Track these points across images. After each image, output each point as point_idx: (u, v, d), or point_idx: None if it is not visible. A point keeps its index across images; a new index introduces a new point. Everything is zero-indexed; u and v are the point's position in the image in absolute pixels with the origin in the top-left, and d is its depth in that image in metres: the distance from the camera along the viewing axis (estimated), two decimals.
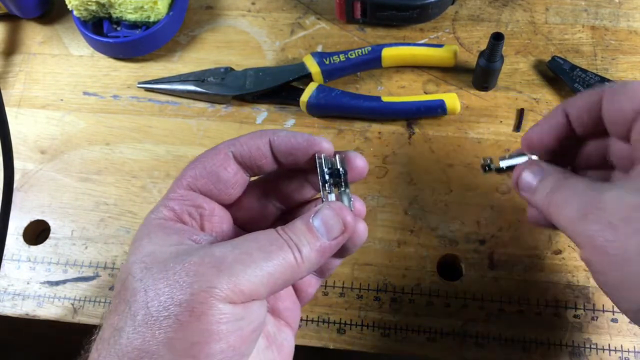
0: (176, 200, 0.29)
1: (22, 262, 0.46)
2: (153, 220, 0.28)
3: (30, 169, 0.50)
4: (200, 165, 0.29)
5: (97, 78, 0.54)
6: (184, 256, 0.25)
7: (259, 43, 0.54)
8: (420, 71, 0.51)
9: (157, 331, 0.23)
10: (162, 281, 0.24)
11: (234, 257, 0.25)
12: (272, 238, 0.26)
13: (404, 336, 0.41)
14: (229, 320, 0.24)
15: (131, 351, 0.23)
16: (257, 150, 0.29)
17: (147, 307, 0.24)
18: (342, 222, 0.28)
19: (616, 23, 0.52)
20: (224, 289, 0.24)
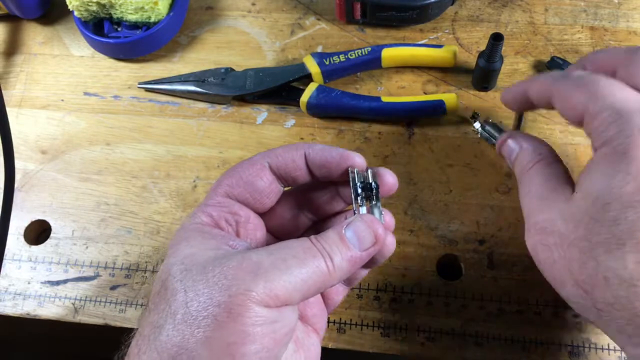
0: (214, 206, 0.30)
1: (22, 262, 0.46)
2: (191, 225, 0.30)
3: (31, 169, 0.50)
4: (237, 174, 0.31)
5: (98, 78, 0.54)
6: (222, 260, 0.26)
7: (259, 43, 0.54)
8: (420, 71, 0.51)
9: (196, 330, 0.24)
10: (202, 282, 0.25)
11: (270, 263, 0.26)
12: (306, 246, 0.27)
13: (403, 336, 0.41)
14: (264, 323, 0.25)
15: (170, 348, 0.24)
16: (292, 162, 0.31)
17: (186, 306, 0.25)
18: (374, 234, 0.29)
19: (615, 23, 0.52)
20: (260, 292, 0.25)
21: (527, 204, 0.31)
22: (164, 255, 0.45)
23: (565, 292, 0.28)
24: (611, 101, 0.28)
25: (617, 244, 0.25)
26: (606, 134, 0.27)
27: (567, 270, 0.27)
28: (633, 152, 0.26)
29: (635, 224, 0.25)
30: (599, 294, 0.26)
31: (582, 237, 0.27)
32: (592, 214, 0.26)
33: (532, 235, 0.30)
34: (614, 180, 0.26)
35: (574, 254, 0.27)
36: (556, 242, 0.28)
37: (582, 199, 0.27)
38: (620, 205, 0.26)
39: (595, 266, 0.26)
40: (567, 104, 0.30)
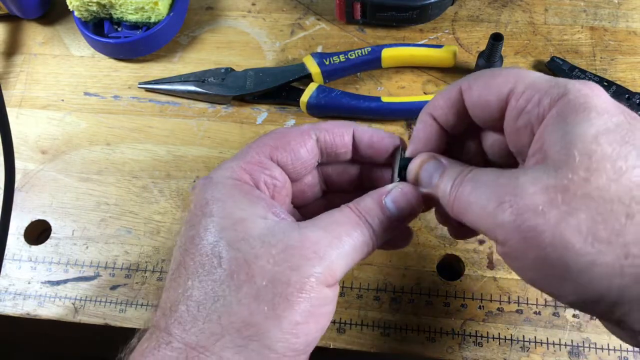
0: (255, 165, 0.29)
1: (23, 261, 0.46)
2: (229, 180, 0.28)
3: (31, 169, 0.50)
4: (285, 138, 0.30)
5: (98, 78, 0.54)
6: (281, 236, 0.26)
7: (259, 44, 0.54)
8: (419, 72, 0.51)
9: (265, 306, 0.24)
10: (266, 257, 0.25)
11: (327, 242, 0.26)
12: (352, 220, 0.27)
13: (403, 336, 0.41)
14: (327, 303, 0.26)
15: (235, 321, 0.24)
16: (341, 139, 0.31)
17: (253, 280, 0.24)
18: (411, 204, 0.29)
19: (615, 24, 0.52)
20: (325, 273, 0.25)
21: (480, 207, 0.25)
22: (164, 255, 0.45)
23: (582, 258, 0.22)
24: (538, 75, 0.26)
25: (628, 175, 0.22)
26: (549, 98, 0.25)
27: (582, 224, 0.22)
28: (593, 100, 0.24)
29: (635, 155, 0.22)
30: (632, 236, 0.21)
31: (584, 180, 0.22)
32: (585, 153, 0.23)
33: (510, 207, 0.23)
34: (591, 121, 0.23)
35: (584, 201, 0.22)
36: (552, 198, 0.22)
37: (563, 152, 0.23)
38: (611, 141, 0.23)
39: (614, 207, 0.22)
40: (486, 90, 0.27)
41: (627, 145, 0.23)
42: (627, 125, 0.23)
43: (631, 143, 0.23)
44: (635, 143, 0.23)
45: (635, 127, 0.23)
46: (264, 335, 0.24)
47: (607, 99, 0.25)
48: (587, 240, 0.22)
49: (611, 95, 0.46)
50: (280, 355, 0.24)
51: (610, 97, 0.25)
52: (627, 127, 0.23)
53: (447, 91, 0.29)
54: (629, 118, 0.24)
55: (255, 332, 0.24)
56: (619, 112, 0.24)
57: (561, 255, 0.22)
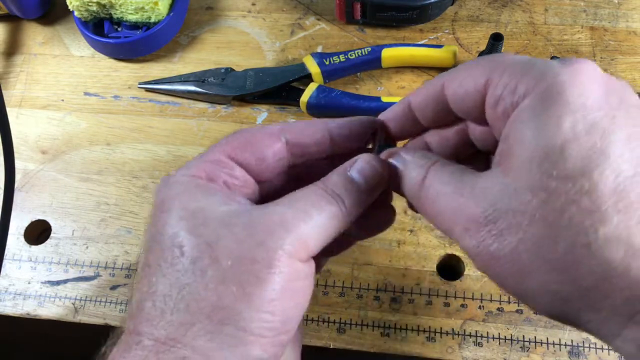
0: (212, 163, 0.28)
1: (23, 261, 0.46)
2: (184, 178, 0.27)
3: (31, 169, 0.50)
4: (247, 139, 0.29)
5: (98, 78, 0.54)
6: (243, 214, 0.25)
7: (259, 44, 0.54)
8: (419, 72, 0.51)
9: (235, 287, 0.23)
10: (228, 238, 0.24)
11: (293, 215, 0.25)
12: (319, 194, 0.26)
13: (403, 336, 0.41)
14: (300, 278, 0.24)
15: (203, 307, 0.23)
16: (313, 138, 0.29)
17: (217, 263, 0.23)
18: (376, 170, 0.28)
19: (615, 24, 0.52)
20: (295, 246, 0.24)
21: (446, 205, 0.25)
22: None
23: (534, 285, 0.22)
24: (517, 59, 0.24)
25: (590, 197, 0.20)
26: (525, 84, 0.23)
27: (535, 253, 0.21)
28: (569, 90, 0.21)
29: (603, 168, 0.20)
30: (582, 269, 0.20)
31: (542, 204, 0.21)
32: (546, 170, 0.21)
33: (473, 232, 0.23)
34: (560, 124, 0.21)
35: (539, 229, 0.21)
36: (510, 224, 0.22)
37: (524, 162, 0.22)
38: (579, 150, 0.20)
39: (571, 235, 0.20)
40: (465, 81, 0.26)
41: (595, 156, 0.20)
42: (603, 124, 0.21)
43: (601, 152, 0.20)
44: (606, 151, 0.20)
45: (614, 123, 0.21)
46: (236, 317, 0.23)
47: (588, 84, 0.22)
48: (540, 268, 0.21)
49: None
50: (257, 337, 0.23)
51: (596, 76, 0.22)
52: (603, 126, 0.21)
53: (431, 85, 0.28)
54: (611, 108, 0.21)
55: (227, 315, 0.23)
56: (597, 104, 0.21)
57: (516, 279, 0.22)
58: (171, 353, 0.23)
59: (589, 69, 0.22)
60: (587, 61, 0.23)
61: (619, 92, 0.22)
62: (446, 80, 0.27)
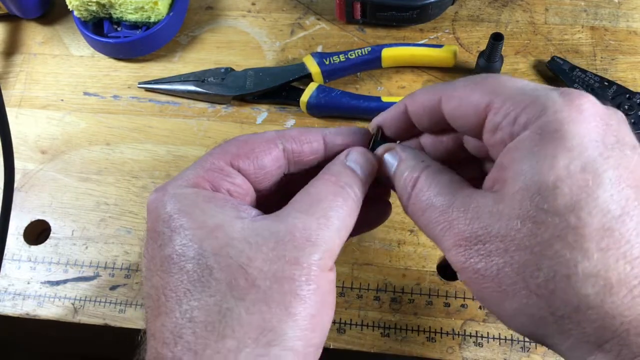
0: (214, 172, 0.27)
1: (22, 262, 0.46)
2: (188, 189, 0.26)
3: (31, 169, 0.50)
4: (249, 145, 0.29)
5: (98, 78, 0.54)
6: (265, 232, 0.24)
7: (259, 43, 0.54)
8: (420, 71, 0.51)
9: (276, 308, 0.23)
10: (260, 258, 0.24)
11: (316, 225, 0.25)
12: (334, 191, 0.27)
13: (403, 336, 0.41)
14: (332, 289, 0.25)
15: (249, 331, 0.23)
16: (310, 146, 0.30)
17: (255, 285, 0.23)
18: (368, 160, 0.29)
19: (615, 23, 0.52)
20: (325, 257, 0.24)
21: (435, 218, 0.25)
22: None
23: (513, 306, 0.23)
24: (519, 87, 0.25)
25: (576, 233, 0.21)
26: (526, 116, 0.23)
27: (518, 277, 0.23)
28: (568, 127, 0.22)
29: (592, 207, 0.21)
30: (559, 298, 0.22)
31: (530, 234, 0.22)
32: (537, 204, 0.22)
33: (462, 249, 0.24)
34: (556, 161, 0.22)
35: (524, 256, 0.22)
36: (498, 247, 0.23)
37: (517, 192, 0.23)
38: (571, 188, 0.22)
39: (554, 265, 0.22)
40: (464, 101, 0.26)
41: (585, 196, 0.21)
42: (596, 164, 0.22)
43: (590, 192, 0.22)
44: (595, 192, 0.21)
45: (607, 164, 0.22)
46: (282, 337, 0.23)
47: (587, 120, 0.23)
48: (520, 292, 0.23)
49: (611, 96, 0.47)
50: (302, 354, 0.23)
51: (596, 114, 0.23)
52: (596, 167, 0.22)
53: (425, 97, 0.28)
54: (606, 148, 0.22)
55: (273, 336, 0.23)
56: (593, 143, 0.22)
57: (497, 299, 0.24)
58: None
59: (589, 106, 0.23)
60: (588, 96, 0.23)
61: (615, 131, 0.23)
62: (444, 96, 0.27)
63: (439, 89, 0.28)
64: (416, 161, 0.28)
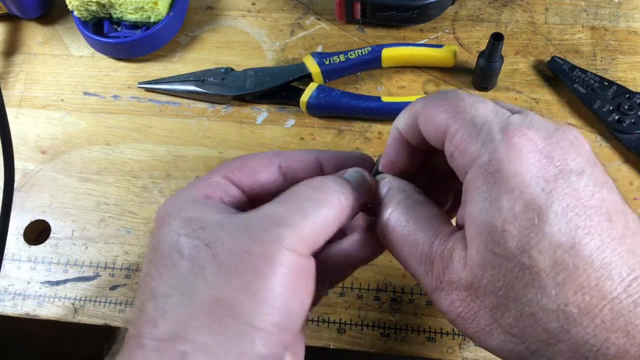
0: (210, 185, 0.29)
1: (22, 262, 0.46)
2: (185, 195, 0.28)
3: (31, 169, 0.50)
4: (244, 162, 0.30)
5: (98, 78, 0.54)
6: (238, 218, 0.25)
7: (259, 43, 0.54)
8: (420, 71, 0.51)
9: (234, 280, 0.23)
10: (225, 238, 0.24)
11: (287, 211, 0.25)
12: (313, 186, 0.27)
13: (403, 336, 0.41)
14: (302, 273, 0.25)
15: (204, 299, 0.23)
16: (304, 165, 0.31)
17: (215, 259, 0.24)
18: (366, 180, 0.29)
19: (616, 23, 0.52)
20: (292, 239, 0.24)
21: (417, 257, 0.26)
22: None
23: (494, 344, 0.24)
24: (472, 115, 0.25)
25: (531, 273, 0.22)
26: (470, 154, 0.24)
27: (492, 319, 0.24)
28: (506, 167, 0.23)
29: (541, 245, 0.22)
30: (530, 335, 0.23)
31: (492, 279, 0.23)
32: (491, 249, 0.23)
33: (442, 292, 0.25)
34: (500, 203, 0.23)
35: (493, 300, 0.23)
36: (470, 294, 0.24)
37: (474, 237, 0.24)
38: (518, 230, 0.22)
39: (518, 306, 0.23)
40: (429, 121, 0.26)
41: (533, 235, 0.22)
42: (540, 201, 0.22)
43: (538, 230, 0.22)
44: (543, 229, 0.22)
45: (551, 198, 0.22)
46: (238, 309, 0.23)
47: (526, 157, 0.23)
48: (497, 331, 0.24)
49: (611, 96, 0.47)
50: (260, 330, 0.23)
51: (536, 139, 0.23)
52: (540, 203, 0.22)
53: (410, 110, 0.29)
54: (548, 181, 0.22)
55: (229, 308, 0.23)
56: (534, 181, 0.22)
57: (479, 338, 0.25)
58: (172, 350, 0.23)
59: (527, 143, 0.23)
60: (528, 130, 0.24)
61: (559, 161, 0.23)
62: (418, 114, 0.27)
63: (418, 104, 0.28)
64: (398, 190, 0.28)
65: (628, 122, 0.46)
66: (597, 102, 0.47)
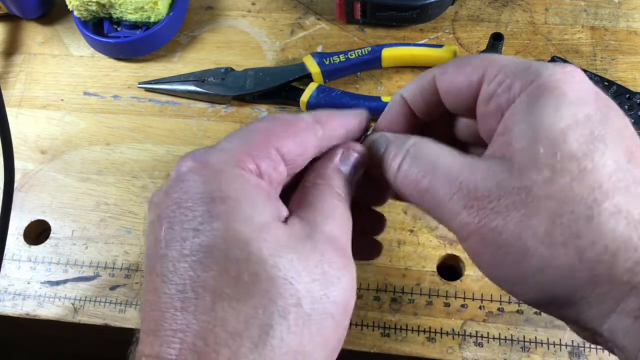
0: (263, 153, 0.24)
1: (22, 262, 0.46)
2: (237, 170, 0.23)
3: (31, 169, 0.50)
4: (293, 129, 0.26)
5: (98, 78, 0.54)
6: (309, 242, 0.23)
7: (259, 43, 0.54)
8: (420, 71, 0.51)
9: (314, 329, 0.22)
10: (305, 273, 0.22)
11: (347, 238, 0.25)
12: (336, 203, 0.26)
13: (403, 336, 0.41)
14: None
15: (285, 353, 0.21)
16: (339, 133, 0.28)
17: (299, 304, 0.22)
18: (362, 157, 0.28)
19: (616, 23, 0.52)
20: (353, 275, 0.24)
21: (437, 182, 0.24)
22: None
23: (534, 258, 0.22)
24: (511, 58, 0.25)
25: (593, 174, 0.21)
26: (520, 82, 0.23)
27: (540, 228, 0.22)
28: (565, 86, 0.23)
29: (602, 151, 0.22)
30: (586, 239, 0.21)
31: (548, 181, 0.22)
32: (551, 151, 0.22)
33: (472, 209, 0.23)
34: (561, 111, 0.22)
35: (544, 204, 0.22)
36: (515, 201, 0.22)
37: (527, 145, 0.22)
38: (581, 134, 0.22)
39: (574, 208, 0.21)
40: (458, 75, 0.26)
41: (595, 142, 0.22)
42: (598, 117, 0.23)
43: (599, 139, 0.22)
44: (604, 138, 0.22)
45: (607, 117, 0.23)
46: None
47: (581, 84, 0.23)
48: (544, 242, 0.22)
49: (611, 96, 0.47)
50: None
51: (587, 81, 0.24)
52: (598, 118, 0.23)
53: (421, 78, 0.28)
54: (602, 107, 0.23)
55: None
56: (591, 101, 0.23)
57: (516, 257, 0.22)
58: None
59: (581, 74, 0.24)
60: (578, 67, 0.24)
61: (605, 97, 0.24)
62: (438, 74, 0.27)
63: (432, 70, 0.27)
64: (405, 137, 0.27)
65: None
66: None
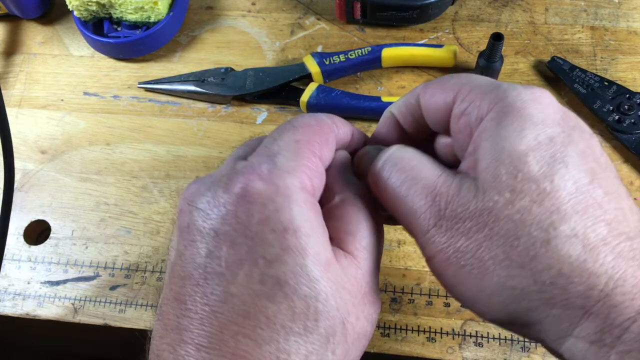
0: (315, 170, 0.25)
1: (22, 262, 0.46)
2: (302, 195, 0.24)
3: (31, 169, 0.50)
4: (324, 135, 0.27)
5: (98, 78, 0.54)
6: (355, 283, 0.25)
7: (259, 43, 0.54)
8: (420, 71, 0.51)
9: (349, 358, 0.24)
10: (354, 312, 0.24)
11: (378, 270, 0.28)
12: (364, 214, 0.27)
13: (403, 336, 0.41)
14: None
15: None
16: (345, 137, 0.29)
17: (346, 340, 0.24)
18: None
19: (616, 23, 0.52)
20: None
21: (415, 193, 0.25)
22: (163, 255, 0.45)
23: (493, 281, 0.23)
24: (484, 80, 0.26)
25: (552, 197, 0.22)
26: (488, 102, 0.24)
27: (499, 249, 0.22)
28: (531, 107, 0.23)
29: (563, 173, 0.22)
30: (541, 264, 0.22)
31: (508, 202, 0.22)
32: (511, 173, 0.22)
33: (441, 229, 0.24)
34: (524, 133, 0.23)
35: (503, 226, 0.22)
36: (478, 222, 0.23)
37: (490, 165, 0.23)
38: (542, 156, 0.22)
39: (532, 231, 0.22)
40: (437, 94, 0.27)
41: (556, 163, 0.22)
42: (561, 138, 0.23)
43: (560, 160, 0.22)
44: (564, 159, 0.22)
45: (571, 138, 0.23)
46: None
47: (548, 106, 0.24)
48: (502, 264, 0.23)
49: (611, 96, 0.47)
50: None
51: (555, 104, 0.24)
52: (561, 140, 0.23)
53: (409, 94, 0.29)
54: (567, 128, 0.23)
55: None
56: (556, 122, 0.23)
57: (477, 277, 0.23)
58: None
59: (548, 96, 0.25)
60: (546, 90, 0.25)
61: (572, 118, 0.25)
62: (420, 92, 0.28)
63: (418, 86, 0.28)
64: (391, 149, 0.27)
65: (628, 122, 0.46)
66: (597, 102, 0.47)
